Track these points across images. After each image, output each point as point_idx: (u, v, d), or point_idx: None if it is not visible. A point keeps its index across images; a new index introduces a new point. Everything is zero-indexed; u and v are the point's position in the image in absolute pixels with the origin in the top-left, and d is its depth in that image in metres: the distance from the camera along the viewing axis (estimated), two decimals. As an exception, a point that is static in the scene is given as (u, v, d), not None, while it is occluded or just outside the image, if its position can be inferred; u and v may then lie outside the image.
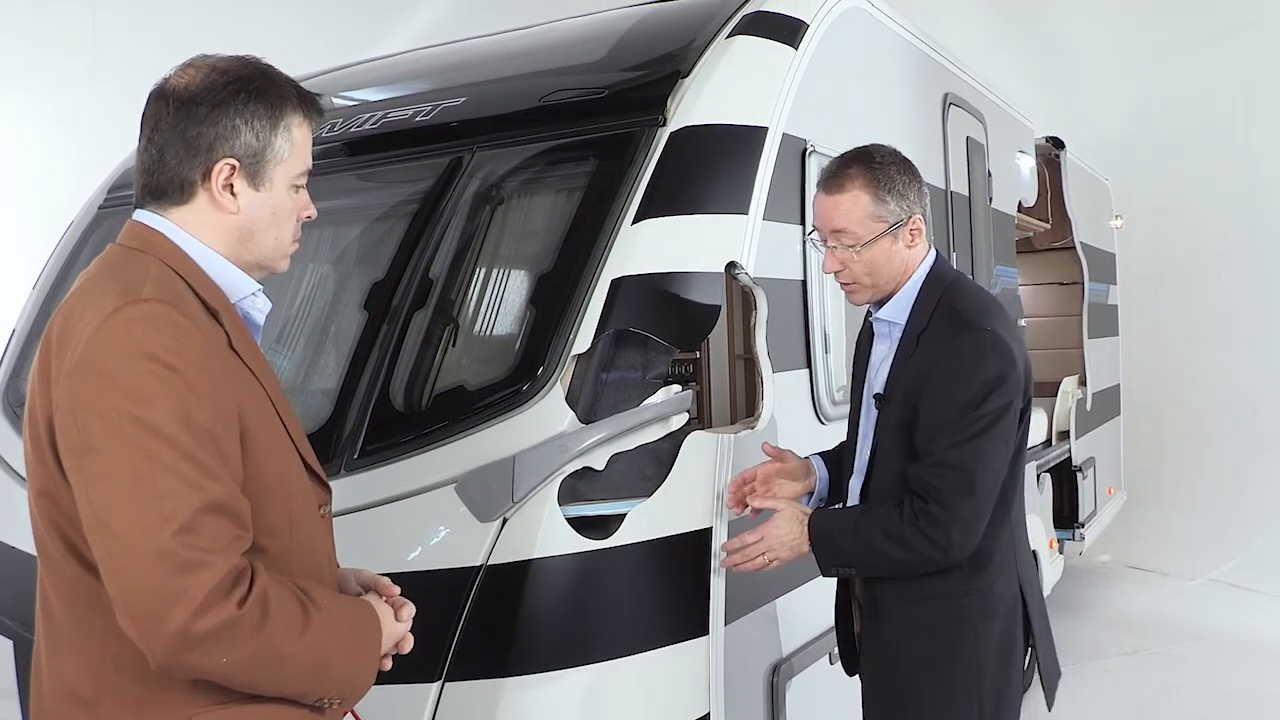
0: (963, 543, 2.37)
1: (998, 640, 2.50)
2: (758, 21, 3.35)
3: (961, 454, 2.36)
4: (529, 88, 3.63)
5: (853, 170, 2.53)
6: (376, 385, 2.94)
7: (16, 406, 3.78)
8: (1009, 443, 2.44)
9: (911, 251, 2.55)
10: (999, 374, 2.37)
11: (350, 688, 1.69)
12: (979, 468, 2.36)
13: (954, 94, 4.81)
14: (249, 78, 1.71)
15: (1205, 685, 5.82)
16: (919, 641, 2.51)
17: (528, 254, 3.13)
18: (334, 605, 1.67)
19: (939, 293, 2.52)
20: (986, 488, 2.39)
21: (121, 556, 1.46)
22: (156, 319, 1.53)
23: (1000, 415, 2.37)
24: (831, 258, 2.56)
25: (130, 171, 4.23)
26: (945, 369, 2.41)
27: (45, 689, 1.69)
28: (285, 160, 1.74)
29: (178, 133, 1.67)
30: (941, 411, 2.39)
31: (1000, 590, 2.50)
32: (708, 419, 3.41)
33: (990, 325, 2.41)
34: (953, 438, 2.37)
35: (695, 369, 3.44)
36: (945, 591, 2.47)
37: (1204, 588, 7.96)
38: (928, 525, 2.36)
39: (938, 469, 2.37)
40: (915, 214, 2.54)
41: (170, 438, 1.48)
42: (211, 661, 1.48)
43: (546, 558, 2.61)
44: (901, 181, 2.53)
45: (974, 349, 2.39)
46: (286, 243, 1.80)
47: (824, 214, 2.55)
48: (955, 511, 2.35)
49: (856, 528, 2.48)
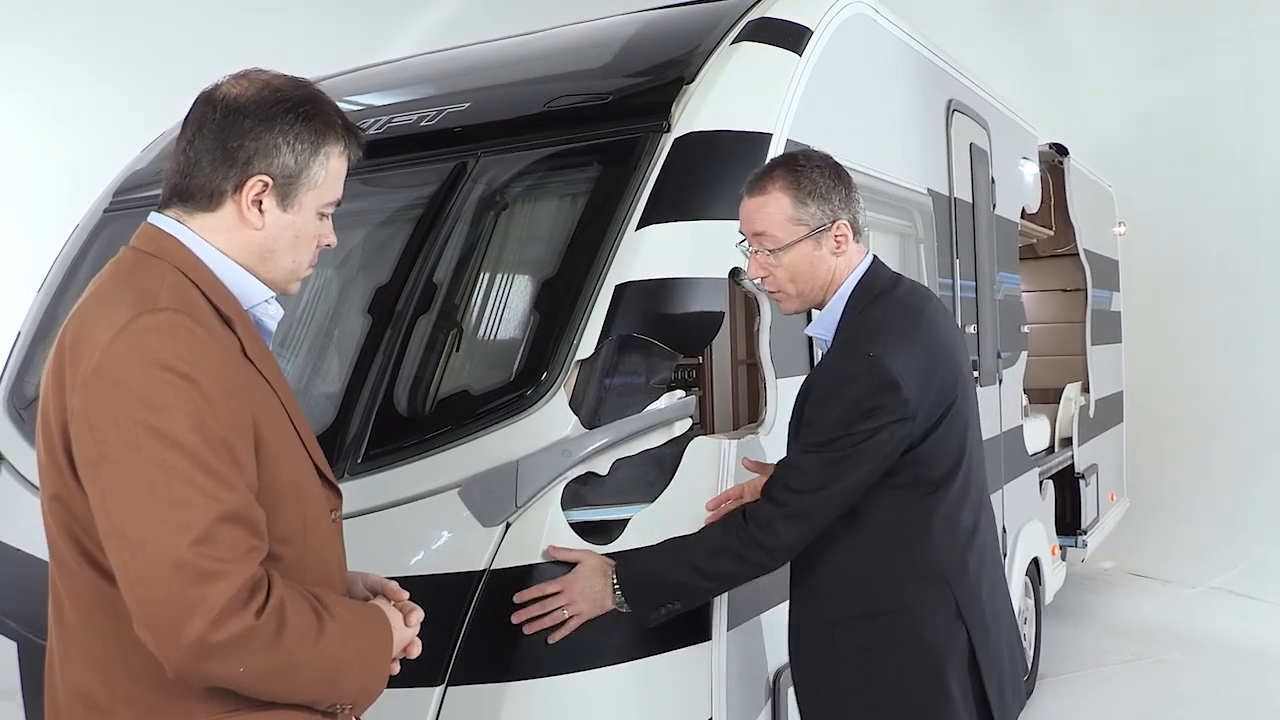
0: (789, 541, 2.39)
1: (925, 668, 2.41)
2: (762, 28, 3.35)
3: (808, 460, 2.38)
4: (533, 93, 3.64)
5: (775, 173, 2.50)
6: (380, 390, 2.94)
7: (21, 409, 3.78)
8: (876, 466, 2.36)
9: (838, 259, 2.49)
10: (868, 399, 2.33)
11: (362, 693, 1.70)
12: (822, 476, 2.36)
13: (958, 100, 4.81)
14: (300, 100, 1.72)
15: (1207, 693, 5.82)
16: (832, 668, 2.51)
17: (532, 259, 3.14)
18: (347, 612, 1.68)
19: (863, 308, 2.47)
20: (826, 496, 2.36)
21: (139, 566, 1.46)
22: (172, 328, 1.54)
23: (862, 440, 2.33)
24: (755, 263, 2.53)
25: (137, 174, 4.26)
26: (820, 389, 2.45)
27: (59, 695, 1.70)
28: (318, 187, 1.75)
29: (219, 141, 1.68)
30: (809, 429, 2.43)
31: (920, 611, 2.42)
32: (711, 425, 3.41)
33: (875, 350, 2.36)
34: (807, 447, 2.41)
35: (699, 375, 3.44)
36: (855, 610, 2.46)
37: (1206, 595, 7.95)
38: (754, 526, 2.39)
39: (780, 469, 2.45)
40: (840, 219, 2.47)
41: (186, 447, 1.48)
42: (228, 670, 1.49)
43: (550, 563, 2.61)
44: (825, 185, 2.47)
45: (849, 373, 2.39)
46: (302, 267, 1.81)
47: (746, 217, 2.53)
48: (784, 507, 2.37)
49: (674, 558, 2.49)
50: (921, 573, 2.43)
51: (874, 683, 2.44)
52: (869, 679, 2.45)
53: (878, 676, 2.44)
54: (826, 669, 2.52)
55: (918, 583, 2.43)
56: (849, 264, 2.52)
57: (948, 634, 2.42)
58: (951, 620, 2.43)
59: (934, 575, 2.44)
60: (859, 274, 2.51)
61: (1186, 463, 9.57)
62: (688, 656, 2.77)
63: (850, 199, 2.51)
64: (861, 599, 2.45)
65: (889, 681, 2.43)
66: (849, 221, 2.49)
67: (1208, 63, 9.59)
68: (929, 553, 2.44)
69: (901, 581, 2.43)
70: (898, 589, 2.43)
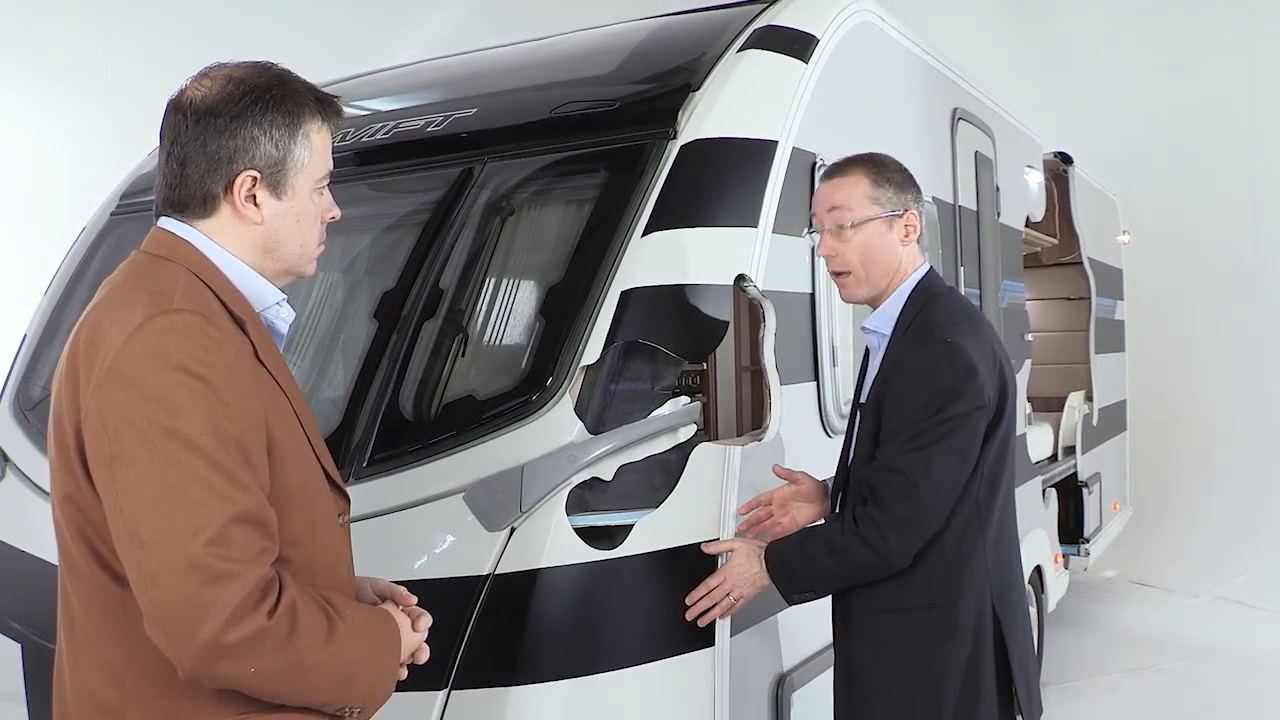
0: (901, 548, 2.38)
1: (964, 663, 2.46)
2: (769, 36, 3.36)
3: (906, 460, 2.38)
4: (540, 99, 3.65)
5: (856, 160, 2.62)
6: (386, 394, 2.95)
7: (27, 411, 3.79)
8: (965, 455, 2.42)
9: (905, 250, 2.57)
10: (952, 384, 2.38)
11: (371, 697, 1.70)
12: (923, 474, 2.37)
13: (963, 109, 4.82)
14: (265, 86, 1.71)
15: (1210, 703, 5.81)
16: (878, 654, 2.52)
17: (538, 265, 3.14)
18: (356, 614, 1.68)
19: (922, 305, 2.53)
20: (930, 495, 2.38)
21: (152, 567, 1.46)
22: (188, 329, 1.55)
23: (954, 427, 2.38)
24: (825, 242, 2.59)
25: (143, 177, 4.28)
26: (903, 379, 2.44)
27: (69, 697, 1.70)
28: (306, 166, 1.74)
29: (198, 146, 1.68)
30: (896, 421, 2.43)
31: (965, 610, 2.46)
32: (715, 431, 3.42)
33: (952, 337, 2.42)
34: (901, 445, 2.40)
35: (703, 381, 3.44)
36: (908, 603, 2.47)
37: (1209, 604, 7.94)
38: (865, 530, 2.38)
39: (880, 473, 2.42)
40: (911, 209, 2.57)
41: (201, 449, 1.49)
42: (240, 672, 1.49)
43: (554, 567, 2.61)
44: (900, 178, 2.59)
45: (931, 360, 2.42)
46: (312, 247, 1.81)
47: (822, 197, 2.60)
48: (891, 514, 2.37)
49: (803, 549, 2.52)
50: (973, 571, 2.47)
51: (916, 672, 2.47)
52: (912, 669, 2.48)
53: (921, 666, 2.47)
54: (870, 656, 2.54)
55: (969, 581, 2.47)
56: (913, 260, 2.59)
57: (984, 633, 2.47)
58: (989, 620, 2.48)
59: (981, 575, 2.48)
60: (920, 274, 2.59)
61: (1190, 471, 9.56)
62: (691, 662, 2.77)
63: (920, 199, 2.61)
64: (917, 592, 2.47)
65: (931, 672, 2.46)
66: (919, 216, 2.59)
67: (1212, 71, 9.59)
68: (981, 552, 2.48)
69: (955, 578, 2.46)
70: (952, 585, 2.46)
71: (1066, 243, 7.32)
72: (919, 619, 2.47)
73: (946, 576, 2.46)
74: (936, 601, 2.46)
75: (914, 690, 2.47)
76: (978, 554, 2.48)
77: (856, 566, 2.43)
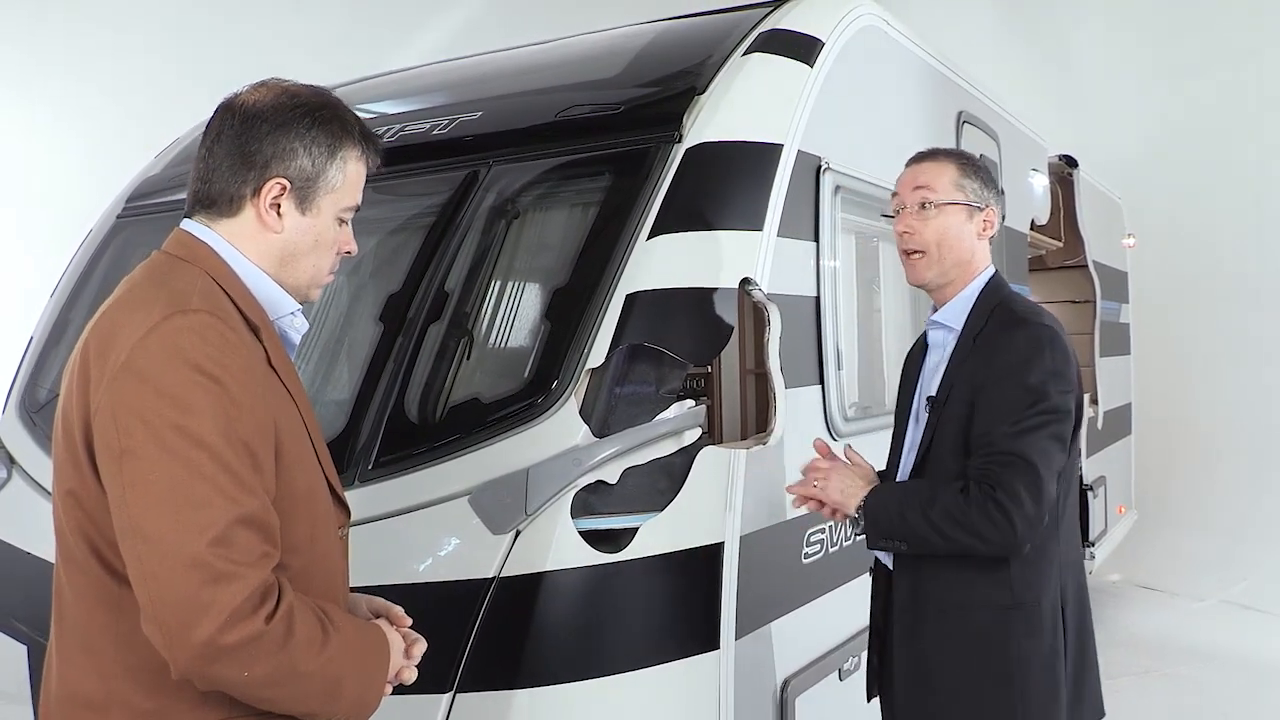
0: (1025, 537, 2.29)
1: (1044, 660, 2.40)
2: (773, 39, 3.37)
3: (1024, 445, 2.30)
4: (545, 103, 3.65)
5: (944, 150, 2.66)
6: (391, 397, 2.95)
7: (34, 413, 3.80)
8: (1065, 442, 2.38)
9: (979, 245, 2.58)
10: (1056, 368, 2.36)
11: (359, 709, 1.69)
12: (1041, 463, 2.29)
13: (968, 112, 4.82)
14: (317, 106, 1.74)
15: (1215, 707, 5.80)
16: (958, 654, 2.43)
17: (543, 268, 3.15)
18: (348, 626, 1.68)
19: (996, 300, 2.52)
20: (1049, 485, 2.31)
21: (153, 563, 1.47)
22: (204, 330, 1.55)
23: (1058, 415, 2.34)
24: (903, 220, 2.58)
25: (149, 181, 4.28)
26: (1004, 361, 2.39)
27: (53, 692, 1.69)
28: (336, 190, 1.76)
29: (236, 146, 1.70)
30: (1001, 403, 2.35)
31: (1046, 607, 2.41)
32: (720, 434, 3.42)
33: (1046, 322, 2.43)
34: (1013, 428, 2.31)
35: (708, 384, 3.44)
36: (989, 601, 2.40)
37: (1214, 608, 7.92)
38: (995, 511, 2.27)
39: (1002, 458, 2.30)
40: (992, 206, 2.59)
41: (211, 448, 1.49)
42: (234, 674, 1.49)
43: (559, 570, 2.62)
44: (986, 175, 2.61)
45: (1033, 341, 2.39)
46: (323, 273, 1.82)
47: (908, 177, 2.61)
48: (1022, 504, 2.27)
49: (918, 500, 2.38)
50: (1051, 567, 2.43)
51: (997, 672, 2.40)
52: (993, 668, 2.40)
53: (1003, 665, 2.39)
54: (949, 656, 2.45)
55: (1048, 577, 2.43)
56: (984, 259, 2.60)
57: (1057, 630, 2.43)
58: (1059, 616, 2.44)
59: (1056, 571, 2.44)
60: (990, 274, 2.59)
61: (1195, 475, 9.54)
62: (695, 665, 2.77)
63: (1000, 203, 2.66)
64: (999, 589, 2.40)
65: (1013, 671, 2.40)
66: (998, 214, 2.61)
67: (1218, 75, 9.59)
68: (1055, 548, 2.44)
69: (1037, 575, 2.41)
70: (1035, 583, 2.40)
71: (1071, 246, 7.31)
72: (1000, 617, 2.40)
73: (1028, 574, 2.39)
74: (1019, 600, 2.39)
75: (995, 690, 2.40)
76: (1052, 549, 2.43)
77: (975, 540, 2.30)
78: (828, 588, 3.42)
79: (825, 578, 3.41)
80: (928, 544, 2.38)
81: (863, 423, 3.52)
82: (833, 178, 3.40)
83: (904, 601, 2.54)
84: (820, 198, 3.34)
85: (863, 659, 3.55)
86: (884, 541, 2.47)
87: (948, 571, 2.43)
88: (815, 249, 3.33)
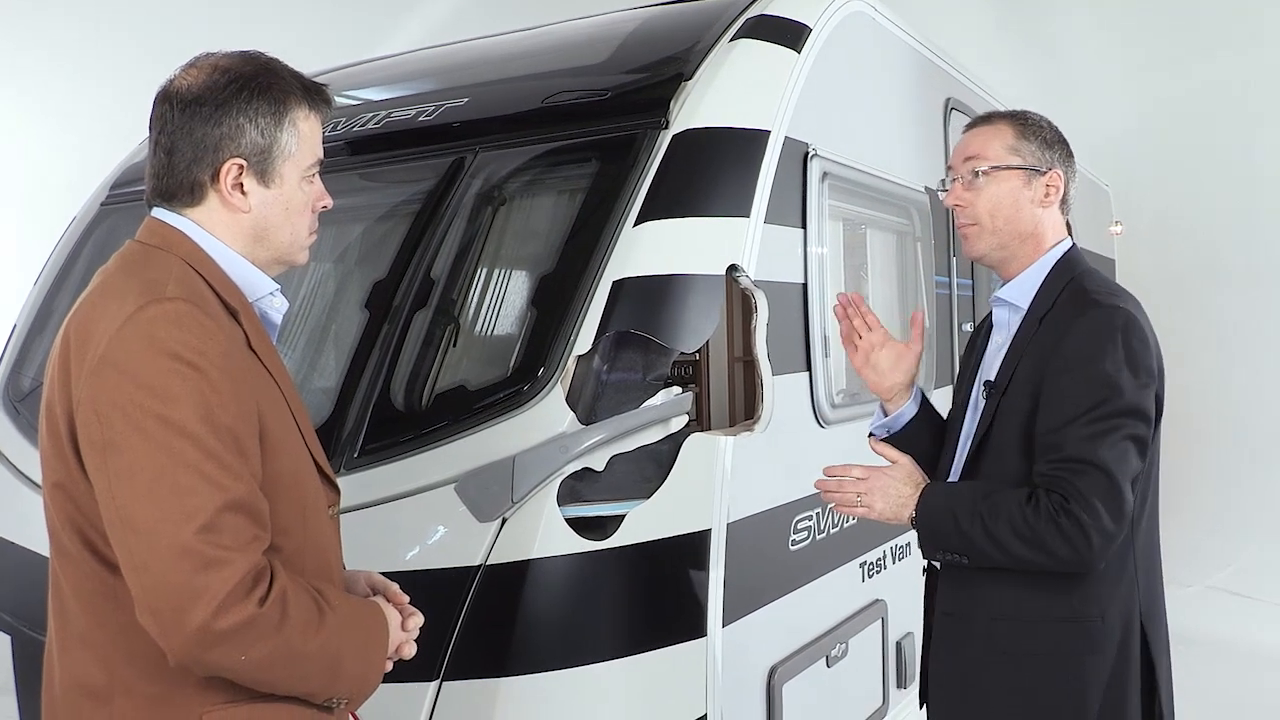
0: (1102, 553, 2.08)
1: (1107, 680, 2.19)
2: (761, 25, 3.35)
3: (1100, 451, 2.06)
4: (532, 89, 3.64)
5: (1001, 113, 2.42)
6: (377, 384, 2.94)
7: (17, 403, 3.78)
8: (1144, 451, 2.13)
9: (1044, 213, 2.33)
10: (1132, 355, 2.11)
11: (359, 687, 1.71)
12: (1119, 469, 2.06)
13: (956, 99, 4.81)
14: (251, 75, 1.71)
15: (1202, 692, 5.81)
16: (1013, 669, 2.23)
17: (529, 255, 3.14)
18: (344, 605, 1.69)
19: (1068, 279, 2.27)
20: (1127, 495, 2.08)
21: (143, 553, 1.47)
22: (180, 318, 1.55)
23: (1136, 414, 2.10)
24: (956, 190, 2.36)
25: (133, 168, 4.26)
26: (1070, 348, 2.14)
27: (57, 682, 1.70)
28: (294, 155, 1.75)
29: (184, 134, 1.68)
30: (1070, 397, 2.11)
31: (1111, 623, 2.19)
32: (707, 421, 3.42)
33: (1121, 303, 2.17)
34: (1087, 429, 2.08)
35: (695, 371, 3.45)
36: (1047, 615, 2.19)
37: (1202, 594, 7.96)
38: (1069, 525, 2.05)
39: (1075, 466, 2.07)
40: (1055, 169, 2.33)
41: (193, 436, 1.49)
42: (230, 659, 1.50)
43: (545, 558, 2.61)
44: (1050, 135, 2.36)
45: (1105, 326, 2.13)
46: (303, 236, 1.81)
47: (961, 146, 2.40)
48: (1099, 518, 2.04)
49: (979, 510, 2.13)
50: (1124, 581, 2.22)
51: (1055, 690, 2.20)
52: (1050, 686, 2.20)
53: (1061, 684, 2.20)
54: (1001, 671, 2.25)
55: (1120, 592, 2.21)
56: (1056, 230, 2.35)
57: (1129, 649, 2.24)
58: (1136, 635, 2.24)
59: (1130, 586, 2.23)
60: (1065, 247, 2.35)
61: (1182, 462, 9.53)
62: (682, 652, 2.77)
63: (1070, 163, 2.37)
64: (1062, 601, 2.19)
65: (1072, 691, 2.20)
66: (1063, 177, 2.35)
67: (1207, 62, 9.59)
68: (1131, 561, 2.23)
69: (1106, 589, 2.19)
70: (1103, 597, 2.19)
71: (1059, 233, 7.32)
72: (1059, 631, 2.19)
73: (1096, 587, 2.18)
74: (1082, 614, 2.18)
75: (1052, 711, 2.20)
76: (1129, 562, 2.21)
77: (1045, 558, 2.09)
78: (815, 574, 3.43)
79: (813, 564, 3.41)
80: (989, 559, 2.16)
81: (850, 409, 3.52)
82: (820, 164, 3.39)
83: (949, 607, 2.35)
84: (808, 184, 3.33)
85: (851, 645, 3.57)
86: (941, 554, 2.26)
87: (1002, 578, 2.21)
88: (803, 235, 3.33)
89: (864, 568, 3.75)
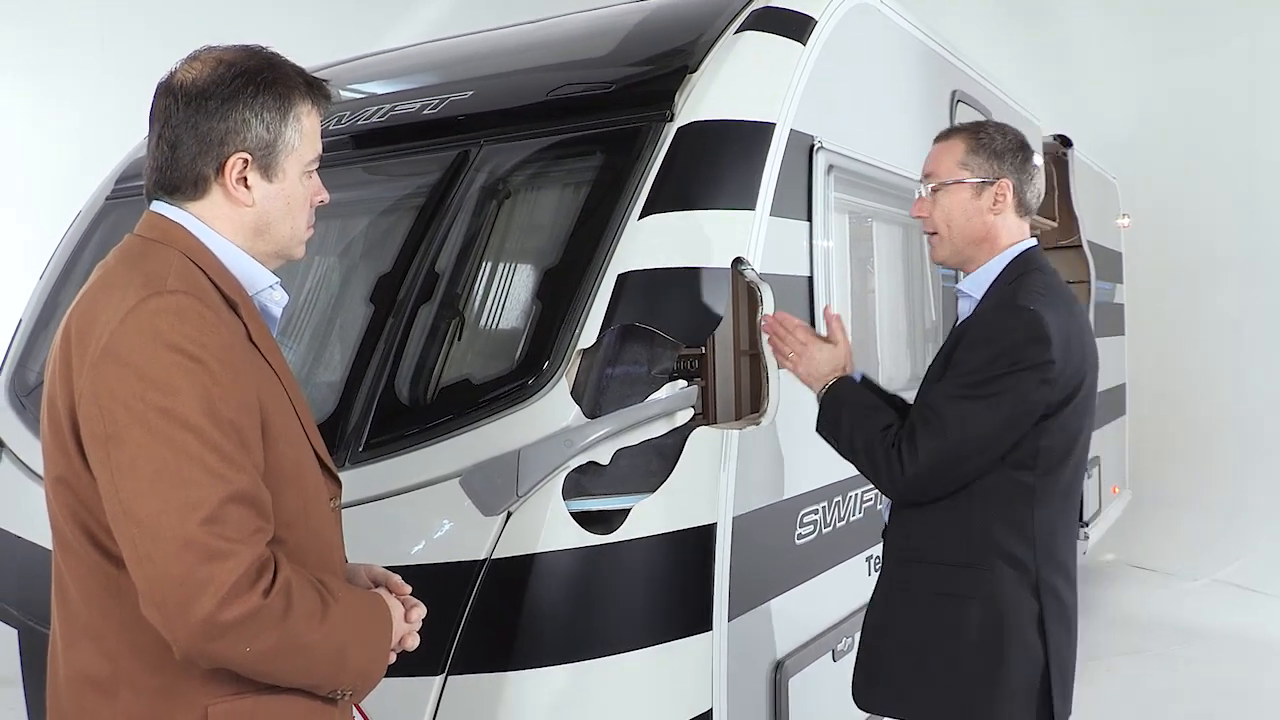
0: (915, 484, 2.41)
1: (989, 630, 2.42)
2: (766, 17, 3.34)
3: (947, 405, 2.39)
4: (536, 82, 3.63)
5: (960, 128, 2.66)
6: (382, 378, 2.94)
7: (22, 397, 3.78)
8: (1011, 419, 2.37)
9: (996, 218, 2.55)
10: (1015, 346, 2.36)
11: (363, 678, 1.71)
12: (957, 421, 2.37)
13: (962, 91, 4.80)
14: (256, 69, 1.71)
15: (1209, 686, 5.82)
16: (905, 603, 2.54)
17: (534, 248, 3.13)
18: (348, 596, 1.70)
19: (1017, 276, 2.51)
20: (959, 446, 2.37)
21: (147, 545, 1.47)
22: (181, 310, 1.55)
23: (1006, 388, 2.35)
24: (919, 202, 2.63)
25: (138, 162, 4.25)
26: (975, 333, 2.45)
27: (61, 676, 1.70)
28: (296, 150, 1.74)
29: (189, 128, 1.68)
30: (956, 369, 2.43)
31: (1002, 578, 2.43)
32: (713, 415, 3.41)
33: (1034, 305, 2.40)
34: (950, 390, 2.41)
35: (701, 365, 3.44)
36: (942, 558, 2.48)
37: (1208, 588, 7.95)
38: (895, 456, 2.41)
39: (922, 409, 2.45)
40: (1005, 178, 2.55)
41: (196, 428, 1.49)
42: (235, 651, 1.50)
43: (550, 552, 2.61)
44: (1001, 145, 2.57)
45: (1005, 321, 2.41)
46: (301, 230, 1.81)
47: (926, 159, 2.65)
48: (917, 451, 2.38)
49: (858, 417, 2.54)
50: (1017, 543, 2.44)
51: (941, 625, 2.47)
52: (936, 621, 2.48)
53: (947, 620, 2.46)
54: (898, 605, 2.57)
55: (1010, 551, 2.44)
56: (1010, 231, 2.57)
57: (1019, 612, 2.44)
58: (1028, 596, 2.45)
59: (1026, 550, 2.44)
60: (1022, 248, 2.57)
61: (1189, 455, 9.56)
62: (688, 646, 2.77)
63: (1025, 169, 2.59)
64: (953, 549, 2.47)
65: (952, 630, 2.46)
66: (1014, 185, 2.56)
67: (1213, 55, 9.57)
68: (1028, 528, 2.45)
69: (994, 543, 2.43)
70: (989, 549, 2.44)
71: (1066, 226, 7.30)
72: (950, 575, 2.47)
73: (985, 540, 2.43)
74: (973, 560, 2.44)
75: (934, 646, 2.47)
76: (1025, 528, 2.44)
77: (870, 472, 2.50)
78: (821, 568, 3.42)
79: (819, 558, 3.41)
80: (847, 456, 2.57)
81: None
82: (826, 157, 3.38)
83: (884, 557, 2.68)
84: (813, 177, 3.32)
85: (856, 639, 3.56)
86: (823, 432, 2.62)
87: (913, 523, 2.54)
88: (808, 228, 3.32)
89: (870, 562, 3.75)
